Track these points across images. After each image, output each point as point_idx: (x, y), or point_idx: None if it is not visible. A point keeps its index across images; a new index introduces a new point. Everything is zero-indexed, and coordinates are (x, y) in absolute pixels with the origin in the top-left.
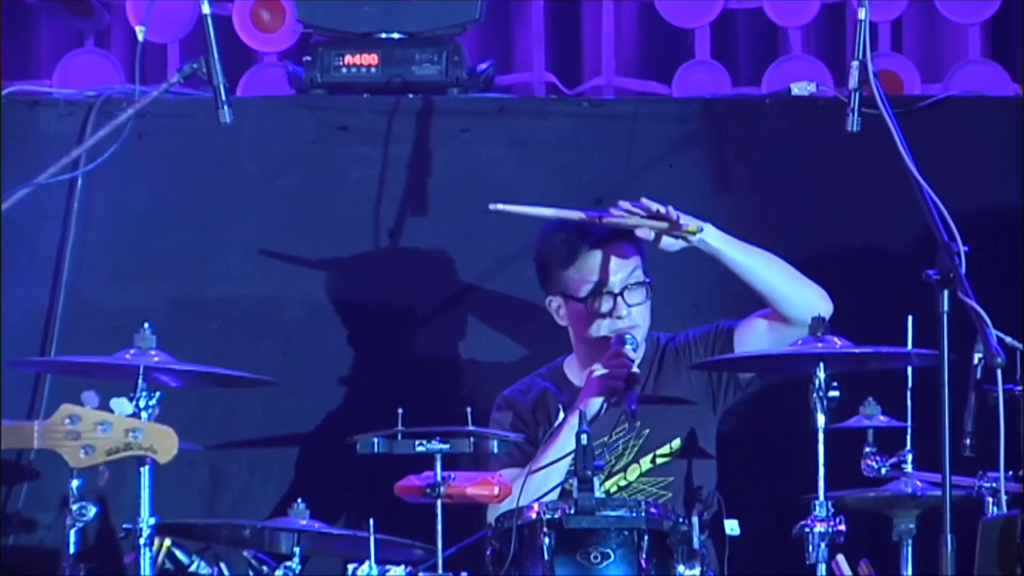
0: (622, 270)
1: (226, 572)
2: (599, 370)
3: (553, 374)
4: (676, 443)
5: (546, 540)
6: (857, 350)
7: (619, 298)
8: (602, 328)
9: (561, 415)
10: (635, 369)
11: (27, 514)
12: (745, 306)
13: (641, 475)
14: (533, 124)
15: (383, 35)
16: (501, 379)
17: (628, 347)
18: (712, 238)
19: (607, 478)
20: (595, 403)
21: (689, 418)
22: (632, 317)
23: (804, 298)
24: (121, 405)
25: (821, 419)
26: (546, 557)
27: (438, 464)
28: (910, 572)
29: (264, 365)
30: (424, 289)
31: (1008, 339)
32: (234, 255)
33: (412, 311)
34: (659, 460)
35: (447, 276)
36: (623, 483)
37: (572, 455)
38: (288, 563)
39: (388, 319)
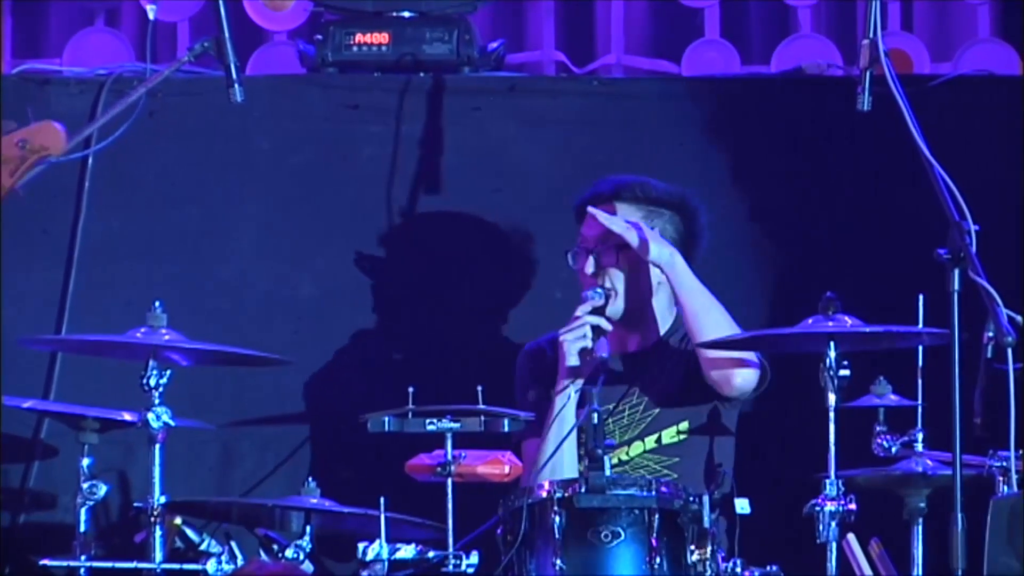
0: (601, 229)
1: (237, 551)
2: (561, 338)
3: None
4: (684, 426)
5: (556, 519)
6: (868, 329)
7: (591, 256)
8: (586, 283)
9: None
10: (599, 320)
11: (42, 492)
12: (753, 287)
13: (644, 452)
14: (544, 103)
15: (394, 14)
16: (513, 357)
17: (594, 299)
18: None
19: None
20: (572, 367)
21: (700, 399)
22: (611, 278)
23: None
24: None
25: (832, 398)
26: (557, 536)
27: (449, 443)
28: (920, 551)
29: (275, 343)
30: (435, 268)
31: (1019, 318)
32: (245, 234)
33: (423, 289)
34: (665, 440)
35: (458, 254)
36: (624, 458)
37: (573, 434)
38: (299, 542)
39: (399, 297)
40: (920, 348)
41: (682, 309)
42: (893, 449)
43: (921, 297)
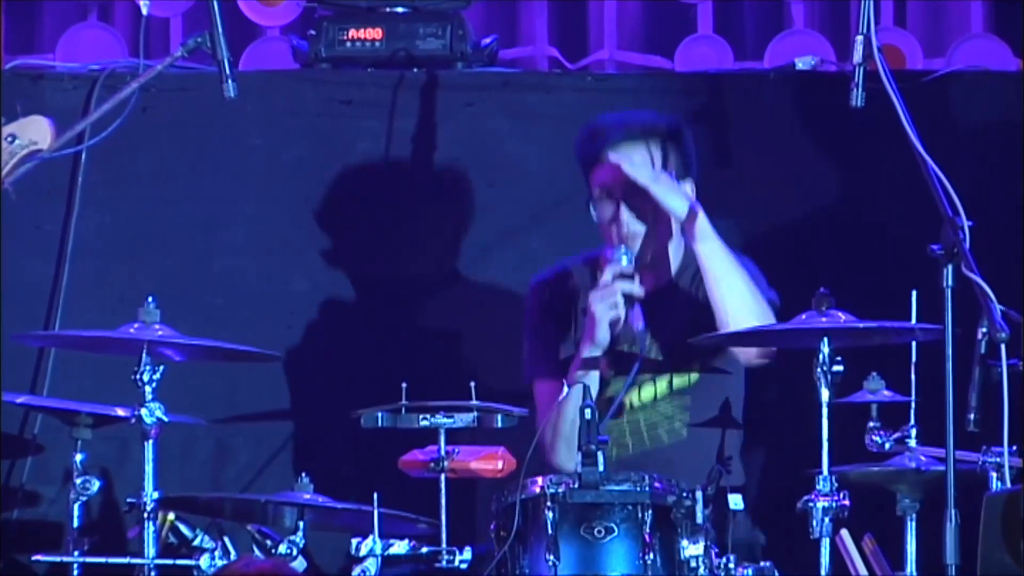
0: (623, 175)
1: (230, 546)
2: (592, 305)
3: (588, 260)
4: (695, 377)
5: (550, 515)
6: (861, 325)
7: (621, 204)
8: (611, 234)
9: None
10: (631, 286)
11: (31, 488)
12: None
13: (656, 396)
14: (537, 98)
15: (387, 9)
16: (505, 353)
17: (622, 262)
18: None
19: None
20: (602, 338)
21: (707, 359)
22: (636, 225)
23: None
24: None
25: (825, 394)
26: (550, 531)
27: (442, 438)
28: (914, 547)
29: (268, 339)
30: (428, 263)
31: (1013, 313)
32: (239, 229)
33: (416, 285)
34: (676, 385)
35: (451, 250)
36: (636, 403)
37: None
38: (292, 537)
39: (392, 293)
40: (913, 344)
41: (704, 273)
42: (886, 445)
43: (914, 293)
